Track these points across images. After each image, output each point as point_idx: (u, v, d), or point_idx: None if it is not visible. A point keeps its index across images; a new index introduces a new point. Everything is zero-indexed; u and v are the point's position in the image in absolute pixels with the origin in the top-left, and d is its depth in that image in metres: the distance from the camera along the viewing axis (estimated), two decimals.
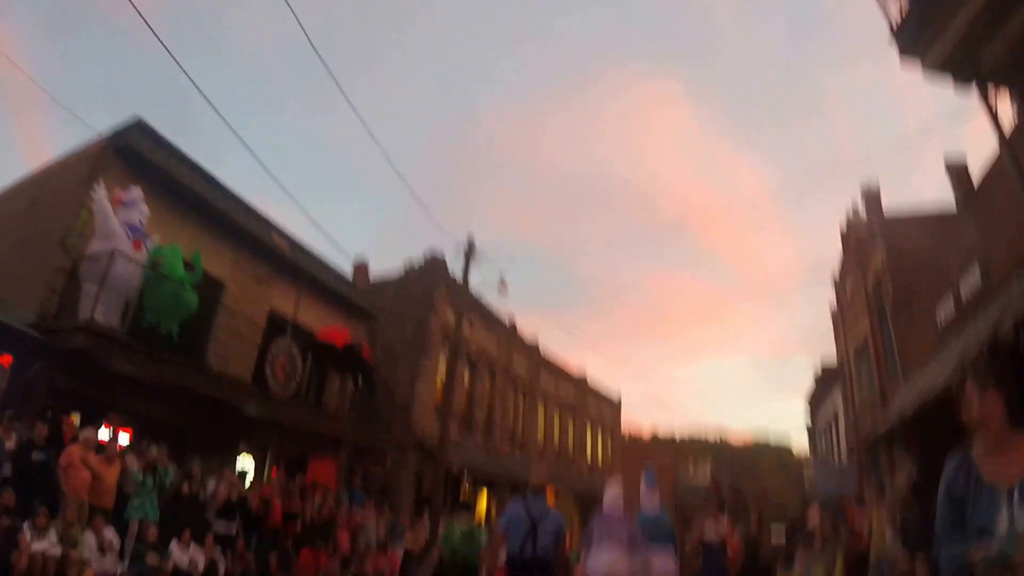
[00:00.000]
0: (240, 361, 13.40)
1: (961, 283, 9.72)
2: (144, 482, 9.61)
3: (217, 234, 13.47)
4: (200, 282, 11.77)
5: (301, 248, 15.70)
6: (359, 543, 12.81)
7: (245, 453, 14.49)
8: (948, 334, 10.23)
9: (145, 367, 10.63)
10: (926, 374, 10.45)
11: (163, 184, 12.08)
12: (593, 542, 7.63)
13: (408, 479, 18.85)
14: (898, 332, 13.25)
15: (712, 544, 7.38)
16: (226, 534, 10.26)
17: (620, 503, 8.15)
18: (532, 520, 6.37)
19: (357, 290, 18.39)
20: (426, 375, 20.31)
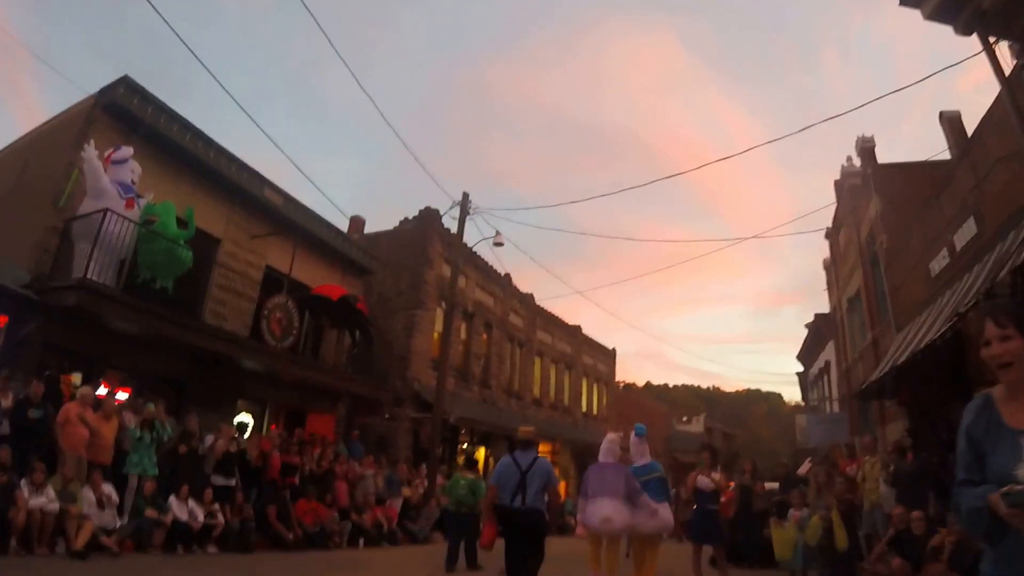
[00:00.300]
0: (237, 317, 13.43)
1: (955, 234, 9.67)
2: (141, 437, 9.72)
3: (210, 191, 13.39)
4: (194, 238, 11.75)
5: (295, 203, 15.53)
6: (357, 495, 13.01)
7: (244, 408, 14.62)
8: (941, 284, 10.23)
9: (141, 323, 10.69)
10: (919, 325, 10.49)
11: (154, 141, 11.97)
12: (589, 494, 7.83)
13: (406, 431, 19.08)
14: (891, 282, 13.24)
15: (705, 491, 7.44)
16: (225, 487, 10.40)
17: (616, 452, 8.30)
18: (521, 472, 6.55)
19: (352, 244, 18.25)
20: (422, 328, 20.38)
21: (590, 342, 34.75)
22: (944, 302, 9.51)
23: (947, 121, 15.60)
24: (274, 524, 10.65)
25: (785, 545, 8.13)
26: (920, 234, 11.44)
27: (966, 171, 9.47)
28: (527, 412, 26.43)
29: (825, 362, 23.94)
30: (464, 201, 18.54)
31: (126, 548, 8.47)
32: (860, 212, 16.01)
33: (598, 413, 35.00)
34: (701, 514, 7.58)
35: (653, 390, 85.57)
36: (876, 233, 14.40)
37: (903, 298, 12.58)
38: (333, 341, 16.60)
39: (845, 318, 19.21)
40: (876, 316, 15.16)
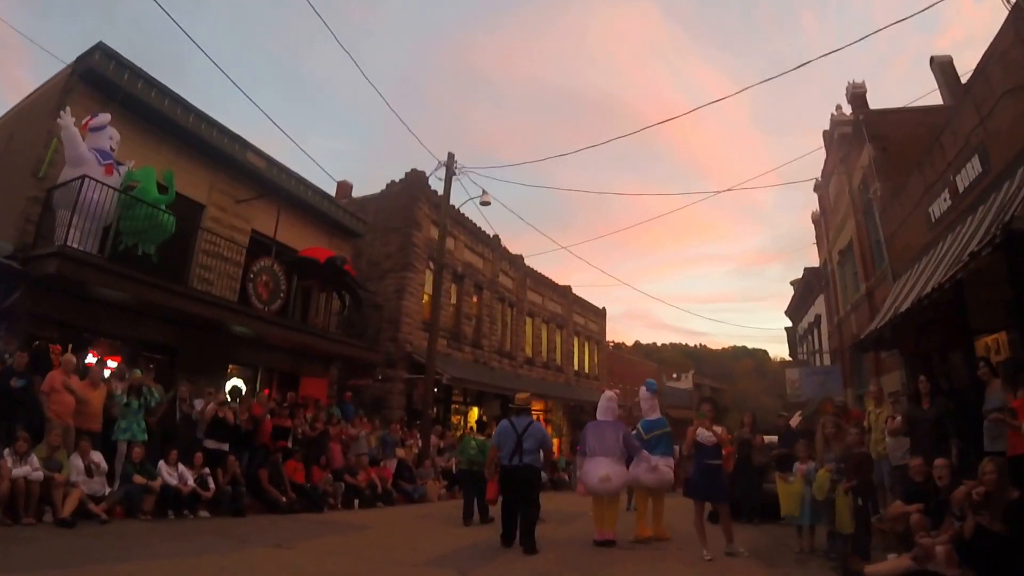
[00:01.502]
0: (224, 282, 13.19)
1: (958, 174, 9.44)
2: (129, 403, 9.56)
3: (193, 156, 13.15)
4: (178, 205, 11.62)
5: (280, 167, 15.14)
6: (350, 456, 12.88)
7: (237, 373, 14.50)
8: (942, 228, 10.04)
9: (127, 291, 10.49)
10: (919, 271, 10.34)
11: (133, 108, 11.72)
12: (587, 453, 7.97)
13: (399, 393, 18.98)
14: (887, 230, 13.04)
15: (707, 445, 7.21)
16: (217, 451, 10.24)
17: (614, 410, 8.25)
18: (517, 434, 7.49)
19: (339, 207, 17.88)
20: (412, 290, 20.15)
21: (580, 302, 34.71)
22: (946, 246, 9.33)
23: (938, 66, 15.33)
24: (267, 488, 10.50)
25: (791, 500, 7.71)
26: (919, 178, 11.19)
27: (969, 108, 9.18)
28: (519, 372, 26.45)
29: (815, 316, 23.93)
30: (450, 162, 18.20)
31: (115, 515, 8.33)
32: (851, 161, 15.75)
33: (590, 372, 35.16)
34: (702, 470, 7.28)
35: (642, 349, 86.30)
36: (869, 181, 14.16)
37: (900, 245, 12.40)
38: (322, 304, 16.34)
39: (836, 271, 19.11)
40: (870, 266, 15.02)
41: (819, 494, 7.25)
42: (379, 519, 10.32)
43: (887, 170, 13.38)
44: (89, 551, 6.18)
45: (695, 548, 7.18)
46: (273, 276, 13.48)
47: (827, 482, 7.16)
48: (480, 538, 8.29)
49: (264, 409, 11.55)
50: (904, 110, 14.42)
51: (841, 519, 6.89)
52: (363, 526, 9.18)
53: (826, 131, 18.93)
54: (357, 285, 16.16)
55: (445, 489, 15.38)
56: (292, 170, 15.61)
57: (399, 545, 7.58)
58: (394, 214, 20.83)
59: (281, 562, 6.29)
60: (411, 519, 10.63)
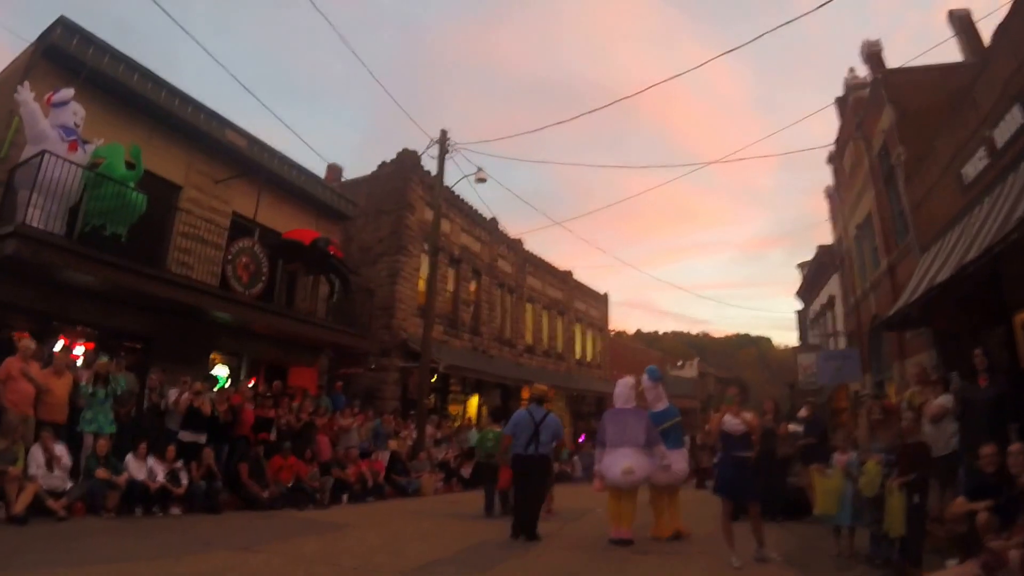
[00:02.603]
0: (204, 266, 12.38)
1: (996, 128, 8.51)
2: (95, 393, 8.83)
3: (167, 135, 12.40)
4: (153, 185, 11.14)
5: (262, 145, 14.28)
6: (339, 448, 12.07)
7: (220, 362, 13.79)
8: (978, 191, 9.13)
9: (97, 275, 9.72)
10: (952, 240, 9.45)
11: (101, 85, 11.04)
12: (607, 444, 7.36)
13: (393, 382, 18.17)
14: (912, 198, 12.07)
15: (734, 435, 6.27)
16: (193, 444, 9.49)
17: (633, 397, 7.67)
18: (535, 424, 7.71)
19: (327, 187, 17.01)
20: (407, 275, 19.31)
21: (581, 287, 33.82)
22: (985, 210, 8.44)
23: (957, 21, 14.35)
24: (246, 483, 9.70)
25: (829, 497, 6.68)
26: (949, 137, 10.26)
27: (1005, 53, 8.27)
28: (520, 360, 25.65)
29: (828, 297, 23.00)
30: (443, 138, 17.33)
31: (76, 512, 7.66)
32: (869, 126, 14.76)
33: (592, 360, 34.29)
34: (730, 463, 6.36)
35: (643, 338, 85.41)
36: (891, 146, 13.19)
37: (927, 214, 11.47)
38: (308, 289, 15.48)
39: (853, 247, 18.14)
40: (892, 240, 14.06)
41: (868, 490, 6.20)
42: (366, 516, 9.49)
43: (910, 133, 12.39)
44: (18, 552, 5.44)
45: (719, 551, 6.31)
46: (254, 258, 12.65)
47: (878, 476, 6.13)
48: (475, 539, 7.48)
49: (244, 398, 10.74)
50: (925, 68, 13.31)
51: (891, 520, 5.82)
52: (347, 525, 8.33)
53: (839, 97, 17.94)
54: (345, 268, 15.28)
55: (442, 482, 14.58)
56: (275, 149, 14.75)
57: (382, 548, 6.70)
58: (386, 196, 19.93)
59: (243, 570, 5.46)
60: (401, 516, 9.80)
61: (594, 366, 34.40)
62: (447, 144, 17.28)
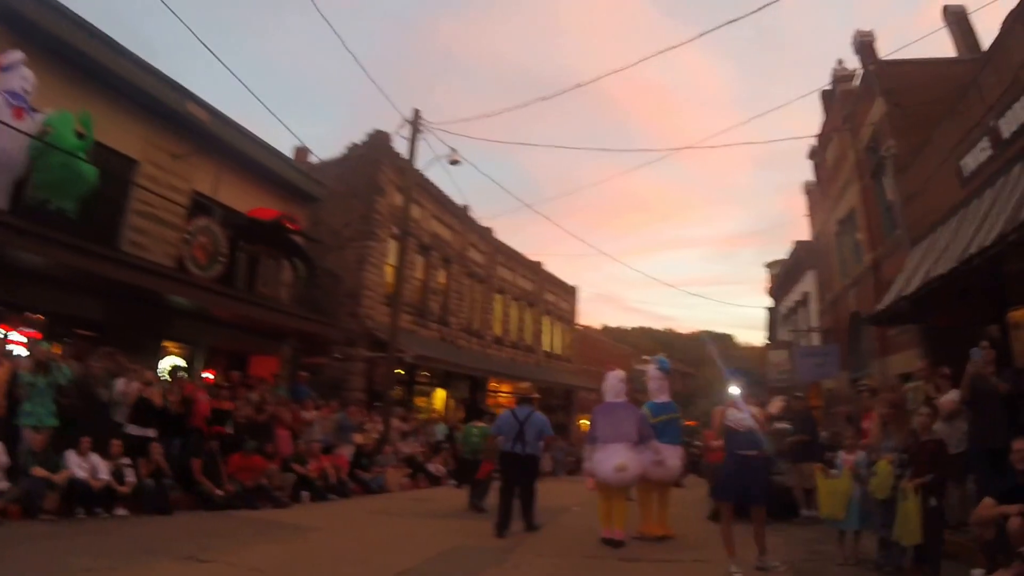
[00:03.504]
0: (161, 248, 11.60)
1: (1002, 117, 8.14)
2: (34, 383, 7.95)
3: (125, 106, 11.44)
4: (108, 159, 10.51)
5: (225, 120, 13.38)
6: (300, 443, 11.32)
7: (176, 351, 12.92)
8: (980, 182, 8.78)
9: (46, 254, 8.88)
10: (950, 234, 9.10)
11: (57, 51, 10.11)
12: (599, 440, 7.15)
13: (359, 372, 17.42)
14: (904, 192, 11.77)
15: (740, 431, 5.71)
16: (141, 438, 8.70)
17: (624, 391, 7.53)
18: (519, 423, 7.83)
19: (294, 167, 16.12)
20: (375, 260, 18.55)
21: (552, 279, 33.40)
22: (987, 201, 8.09)
23: (952, 17, 14.15)
24: (200, 480, 8.92)
25: (836, 499, 6.14)
26: (950, 128, 9.92)
27: (1017, 39, 7.90)
28: (488, 351, 25.08)
29: (803, 294, 22.83)
30: (415, 118, 16.57)
31: (11, 515, 6.89)
32: (858, 118, 14.44)
33: (560, 353, 33.89)
34: (736, 463, 5.76)
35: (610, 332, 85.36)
36: (881, 138, 12.88)
37: (919, 208, 11.17)
38: (272, 272, 14.60)
39: (833, 243, 17.89)
40: (878, 235, 13.78)
41: (880, 491, 5.70)
42: (329, 517, 8.81)
43: (902, 126, 12.12)
44: None
45: (717, 558, 5.80)
46: (213, 238, 11.81)
47: (890, 477, 5.64)
48: (447, 543, 6.84)
49: (197, 388, 9.95)
50: (918, 61, 13.10)
51: (905, 525, 5.33)
52: (308, 527, 7.63)
53: (825, 90, 17.65)
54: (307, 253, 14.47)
55: (408, 478, 13.91)
56: (240, 124, 13.84)
57: (347, 556, 6.05)
58: (356, 179, 19.07)
59: None
60: (367, 516, 9.13)
61: (563, 359, 34.00)
62: (420, 124, 16.54)
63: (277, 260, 14.41)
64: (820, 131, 18.54)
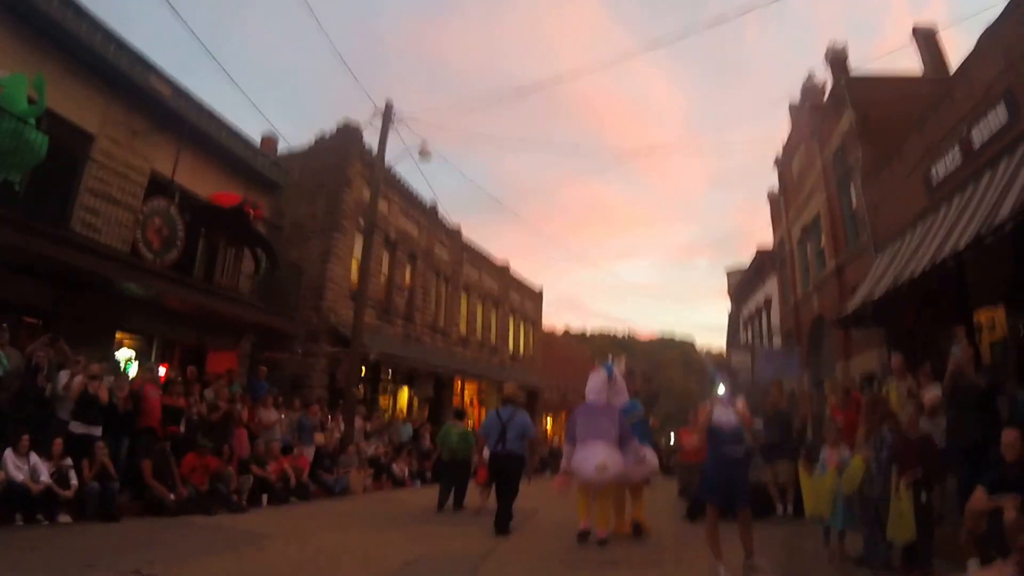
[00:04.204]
0: (114, 230, 10.95)
1: (975, 127, 8.26)
2: None
3: (84, 77, 10.80)
4: (62, 132, 9.92)
5: (189, 98, 12.78)
6: (259, 443, 10.91)
7: (129, 343, 12.28)
8: (948, 190, 8.90)
9: None
10: (916, 240, 9.22)
11: (12, 7, 9.48)
12: (578, 439, 7.14)
13: (321, 370, 16.97)
14: (870, 200, 11.94)
15: (725, 430, 5.48)
16: (86, 437, 8.16)
17: (605, 391, 7.44)
18: (502, 423, 8.04)
19: (259, 152, 15.56)
20: (340, 254, 18.11)
21: (517, 281, 33.25)
22: (954, 209, 8.21)
23: (922, 37, 14.45)
24: (150, 483, 8.45)
25: (821, 498, 6.03)
26: (918, 139, 10.07)
27: (993, 53, 8.00)
28: (453, 350, 24.77)
29: (765, 298, 23.10)
30: (387, 111, 16.18)
31: None
32: (826, 129, 14.66)
33: (525, 354, 33.75)
34: (721, 462, 5.50)
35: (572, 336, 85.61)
36: (849, 149, 13.08)
37: (885, 215, 11.34)
38: (231, 262, 14.08)
39: (796, 249, 18.14)
40: (841, 242, 14.01)
41: (848, 487, 5.65)
42: (289, 523, 8.38)
43: (869, 137, 12.34)
44: None
45: (700, 560, 5.62)
46: (169, 221, 11.24)
47: (860, 472, 5.59)
48: (414, 552, 6.45)
49: (147, 383, 9.49)
50: (888, 77, 13.54)
51: (898, 524, 5.16)
52: (265, 535, 7.19)
53: (792, 104, 17.99)
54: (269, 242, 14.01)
55: (371, 479, 13.61)
56: (204, 103, 13.26)
57: (307, 567, 5.65)
58: (323, 171, 18.56)
59: None
60: (329, 522, 8.69)
61: (527, 360, 33.87)
62: (392, 117, 16.18)
63: (238, 249, 13.89)
64: (785, 143, 18.81)
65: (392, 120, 16.13)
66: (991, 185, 7.37)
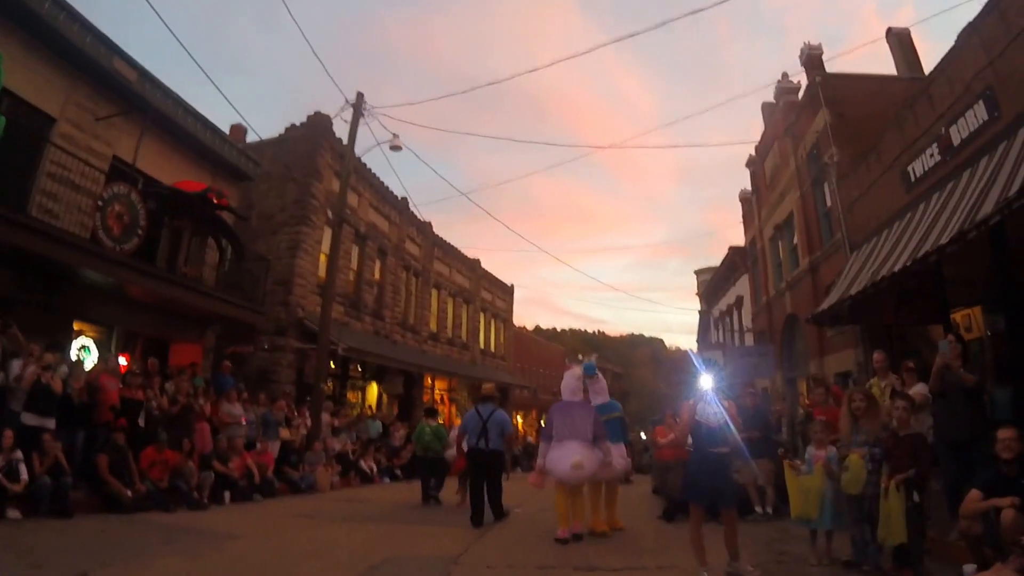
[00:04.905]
0: (74, 217, 10.49)
1: (954, 124, 8.24)
2: None
3: (46, 57, 10.38)
4: (22, 114, 9.68)
5: (154, 82, 12.31)
6: (222, 438, 10.54)
7: (91, 334, 11.82)
8: (926, 188, 8.90)
9: None
10: (893, 237, 9.21)
11: None
12: (554, 437, 7.11)
13: (288, 364, 16.56)
14: (845, 198, 11.93)
15: (712, 426, 5.21)
16: (37, 429, 7.74)
17: (580, 389, 7.48)
18: (482, 421, 8.21)
19: (226, 140, 15.04)
20: (308, 247, 17.71)
21: (489, 277, 33.09)
22: (935, 206, 8.17)
23: (895, 38, 14.56)
24: (106, 479, 8.07)
25: (809, 498, 5.66)
26: (895, 136, 10.07)
27: (974, 50, 7.98)
28: (423, 347, 24.47)
29: (737, 297, 23.18)
30: (359, 102, 15.82)
31: None
32: (800, 128, 14.67)
33: (496, 351, 33.56)
34: (705, 461, 5.20)
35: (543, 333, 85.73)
36: (823, 147, 13.09)
37: (860, 213, 11.34)
38: (196, 252, 13.60)
39: (768, 248, 18.19)
40: (816, 240, 14.03)
41: (852, 487, 5.31)
42: (251, 520, 8.04)
43: (844, 136, 12.33)
44: None
45: (683, 565, 5.39)
46: (130, 207, 10.76)
47: (862, 471, 5.27)
48: (380, 553, 6.01)
49: (104, 374, 9.08)
50: (863, 76, 13.63)
51: (889, 525, 4.94)
52: (225, 534, 6.85)
53: (766, 103, 18.04)
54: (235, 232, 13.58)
55: (339, 476, 13.28)
56: (170, 88, 12.80)
57: (266, 570, 5.30)
58: (293, 162, 18.14)
59: None
60: (293, 520, 8.36)
61: (498, 357, 33.69)
62: (363, 109, 15.83)
63: (202, 238, 13.43)
64: (759, 143, 18.85)
65: (363, 112, 15.78)
66: (972, 181, 7.35)
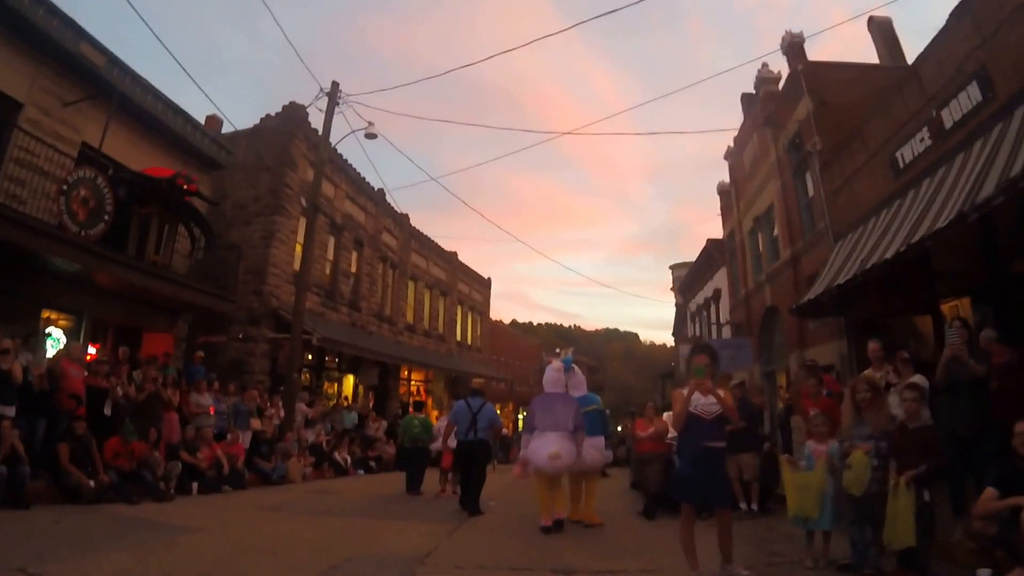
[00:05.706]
0: (40, 203, 10.14)
1: (946, 107, 8.10)
2: None
3: (12, 41, 10.05)
4: None
5: (123, 67, 11.89)
6: (190, 428, 10.15)
7: (62, 323, 11.41)
8: (916, 174, 8.78)
9: None
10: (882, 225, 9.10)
11: None
12: (535, 428, 7.18)
13: (262, 354, 16.19)
14: (828, 187, 11.82)
15: (705, 419, 4.63)
16: None
17: (563, 381, 7.48)
18: (472, 413, 8.43)
19: (198, 127, 14.58)
20: (283, 237, 17.34)
21: (465, 269, 32.89)
22: (927, 191, 8.05)
23: (877, 27, 14.51)
24: (67, 468, 7.69)
25: (808, 496, 5.27)
26: (881, 120, 9.93)
27: (965, 30, 7.85)
28: (399, 339, 24.17)
29: (714, 290, 23.15)
30: (334, 90, 15.43)
31: None
32: (781, 118, 14.55)
33: (472, 343, 33.34)
34: (700, 457, 4.66)
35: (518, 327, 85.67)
36: (805, 136, 12.96)
37: (844, 202, 11.23)
38: (166, 240, 13.13)
39: (747, 240, 18.12)
40: (797, 231, 13.92)
41: (856, 487, 4.91)
42: (214, 513, 7.74)
43: (827, 124, 12.21)
44: None
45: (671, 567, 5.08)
46: (96, 192, 10.34)
47: (867, 469, 4.89)
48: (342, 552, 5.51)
49: (67, 360, 8.66)
50: (845, 64, 13.51)
51: (896, 528, 4.53)
52: (185, 527, 6.50)
53: (745, 93, 17.94)
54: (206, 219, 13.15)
55: (312, 467, 12.94)
56: (140, 74, 12.40)
57: (218, 568, 4.87)
58: (267, 151, 17.82)
59: None
60: (259, 513, 8.06)
61: (474, 349, 33.48)
62: (338, 98, 15.44)
63: (172, 225, 12.98)
64: (737, 134, 18.75)
65: (339, 101, 15.42)
66: (967, 164, 7.21)
